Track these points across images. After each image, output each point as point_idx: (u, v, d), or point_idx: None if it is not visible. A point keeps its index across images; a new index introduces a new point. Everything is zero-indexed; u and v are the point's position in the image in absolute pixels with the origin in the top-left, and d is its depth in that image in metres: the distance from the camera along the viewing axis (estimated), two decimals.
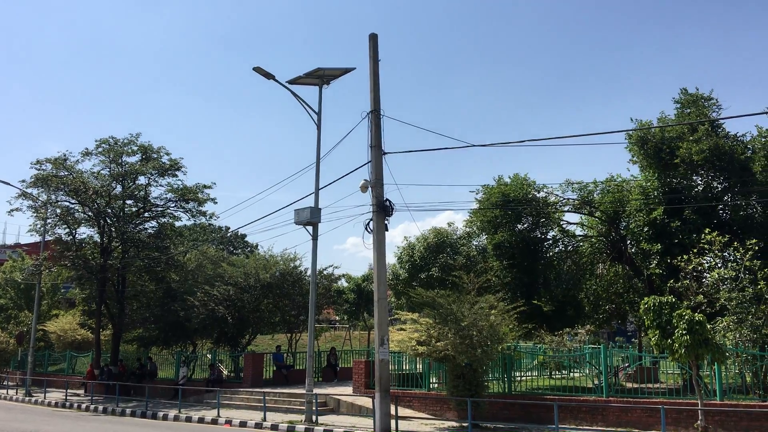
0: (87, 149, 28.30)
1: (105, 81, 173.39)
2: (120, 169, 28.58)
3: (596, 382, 16.71)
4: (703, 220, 18.95)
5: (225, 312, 26.44)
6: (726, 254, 18.14)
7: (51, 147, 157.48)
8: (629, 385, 18.68)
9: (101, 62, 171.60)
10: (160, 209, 29.17)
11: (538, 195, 23.27)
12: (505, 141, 47.93)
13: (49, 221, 28.88)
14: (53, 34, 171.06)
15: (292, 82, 19.04)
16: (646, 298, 13.62)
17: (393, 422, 15.19)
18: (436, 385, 19.08)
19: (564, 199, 23.62)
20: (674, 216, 19.31)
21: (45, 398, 26.80)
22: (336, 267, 30.17)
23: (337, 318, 50.23)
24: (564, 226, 24.60)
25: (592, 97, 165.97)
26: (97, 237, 28.92)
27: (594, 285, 24.64)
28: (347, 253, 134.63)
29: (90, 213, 27.99)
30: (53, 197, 28.25)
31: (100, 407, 23.31)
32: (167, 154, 28.96)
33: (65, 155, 28.03)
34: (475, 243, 30.10)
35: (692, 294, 16.66)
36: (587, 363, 18.51)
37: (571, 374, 20.06)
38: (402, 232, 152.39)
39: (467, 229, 29.19)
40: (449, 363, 15.89)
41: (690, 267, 16.86)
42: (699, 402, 13.13)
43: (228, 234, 52.38)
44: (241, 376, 25.16)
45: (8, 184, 28.72)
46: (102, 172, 28.58)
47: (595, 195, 23.12)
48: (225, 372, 27.11)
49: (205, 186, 28.97)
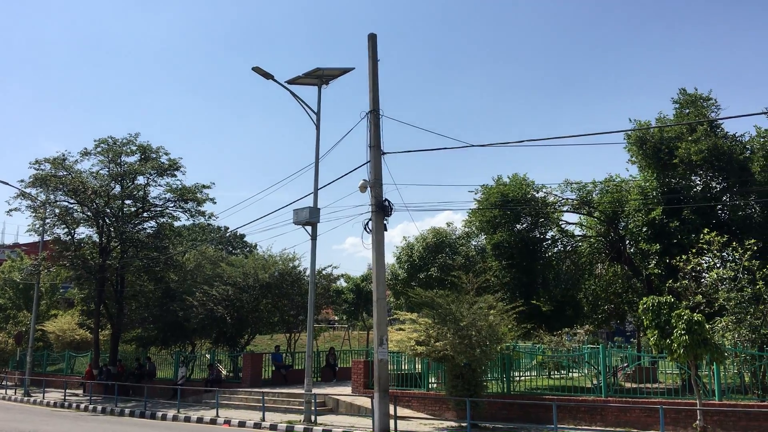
0: (86, 149, 28.32)
1: (105, 81, 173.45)
2: (119, 169, 28.54)
3: (595, 382, 16.70)
4: (702, 220, 18.94)
5: (224, 312, 26.41)
6: (725, 254, 18.14)
7: (50, 147, 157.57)
8: (628, 385, 18.68)
9: (101, 62, 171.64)
10: (159, 209, 29.15)
11: (537, 195, 23.26)
12: (504, 141, 48.00)
13: (48, 221, 28.88)
14: (53, 34, 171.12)
15: (291, 82, 19.03)
16: (645, 298, 13.60)
17: (392, 422, 15.18)
18: (435, 385, 19.09)
19: (563, 199, 23.60)
20: (673, 216, 19.30)
21: (44, 398, 26.79)
22: (335, 267, 30.22)
23: (336, 318, 50.18)
24: (563, 226, 24.59)
25: (592, 97, 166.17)
26: (96, 237, 28.89)
27: (593, 285, 24.64)
28: (346, 253, 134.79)
29: (89, 213, 27.93)
30: (52, 197, 28.24)
31: (99, 407, 23.30)
32: (166, 154, 29.01)
33: (64, 155, 28.06)
34: (474, 243, 30.10)
35: (691, 294, 16.68)
36: (586, 363, 18.51)
37: (570, 374, 20.06)
38: (401, 232, 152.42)
39: (466, 229, 29.18)
40: (448, 363, 15.89)
41: (689, 267, 16.88)
42: (698, 402, 13.13)
43: (227, 234, 52.30)
44: (240, 376, 25.16)
45: (7, 184, 28.75)
46: (101, 172, 28.58)
47: (594, 195, 23.11)
48: (224, 372, 27.08)
49: (204, 186, 28.98)
